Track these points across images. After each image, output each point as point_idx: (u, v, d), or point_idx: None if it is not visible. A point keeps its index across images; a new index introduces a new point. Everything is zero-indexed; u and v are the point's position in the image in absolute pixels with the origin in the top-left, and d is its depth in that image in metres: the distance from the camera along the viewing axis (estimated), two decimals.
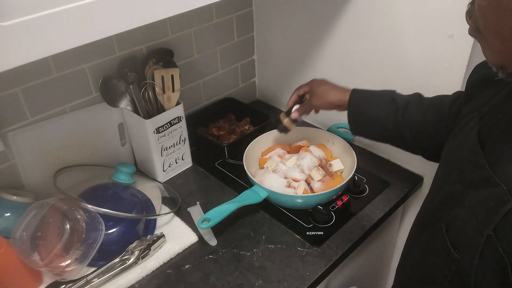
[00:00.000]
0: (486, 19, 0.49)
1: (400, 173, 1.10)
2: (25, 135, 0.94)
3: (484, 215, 0.50)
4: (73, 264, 0.81)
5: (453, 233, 0.55)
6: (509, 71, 0.51)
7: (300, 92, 1.00)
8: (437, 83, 0.96)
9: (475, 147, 0.57)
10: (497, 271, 0.48)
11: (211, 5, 1.13)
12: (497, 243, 0.48)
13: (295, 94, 1.01)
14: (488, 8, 0.47)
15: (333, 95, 0.92)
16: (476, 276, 0.51)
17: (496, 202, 0.49)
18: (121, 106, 1.02)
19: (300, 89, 1.00)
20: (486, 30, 0.49)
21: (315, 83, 0.97)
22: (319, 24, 1.13)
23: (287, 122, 1.02)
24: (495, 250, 0.48)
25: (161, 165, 1.09)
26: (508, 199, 0.48)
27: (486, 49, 0.53)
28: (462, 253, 0.53)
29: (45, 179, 0.97)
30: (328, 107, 0.94)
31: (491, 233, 0.49)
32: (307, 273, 0.85)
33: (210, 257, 0.89)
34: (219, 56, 1.28)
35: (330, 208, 0.98)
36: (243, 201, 0.94)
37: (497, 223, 0.48)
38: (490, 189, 0.50)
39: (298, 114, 0.99)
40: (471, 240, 0.51)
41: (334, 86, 0.94)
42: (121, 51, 1.04)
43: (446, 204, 0.60)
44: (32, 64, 0.52)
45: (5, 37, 0.49)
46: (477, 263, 0.50)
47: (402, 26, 0.96)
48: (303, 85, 0.99)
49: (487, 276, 0.50)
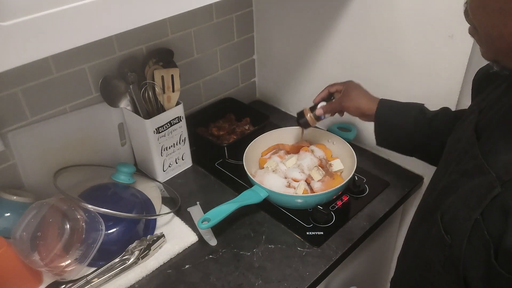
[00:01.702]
0: (476, 19, 0.51)
1: (400, 173, 1.10)
2: (25, 135, 0.94)
3: (475, 201, 0.52)
4: (73, 264, 0.81)
5: (446, 220, 0.57)
6: (503, 65, 0.53)
7: (332, 89, 0.99)
8: (437, 83, 0.96)
9: (472, 139, 0.59)
10: (482, 253, 0.50)
11: (211, 5, 1.13)
12: (483, 227, 0.50)
13: (326, 90, 0.99)
14: (478, 8, 0.50)
15: (364, 102, 0.91)
16: (465, 258, 0.53)
17: (486, 189, 0.51)
18: (121, 106, 1.02)
19: (333, 86, 0.99)
20: (479, 28, 0.52)
21: (351, 84, 0.96)
22: (319, 24, 1.13)
23: (310, 118, 1.00)
24: (481, 233, 0.50)
25: (161, 165, 1.09)
26: (496, 185, 0.50)
27: (480, 45, 0.55)
28: (454, 238, 0.55)
29: (45, 179, 0.97)
30: (355, 112, 0.93)
31: (479, 217, 0.51)
32: (307, 273, 0.85)
33: (210, 257, 0.89)
34: (219, 56, 1.28)
35: (330, 208, 0.98)
36: (243, 201, 0.94)
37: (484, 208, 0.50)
38: (482, 177, 0.52)
39: (323, 111, 0.98)
40: (461, 225, 0.53)
41: (367, 93, 0.94)
42: (121, 51, 1.04)
43: (443, 194, 0.61)
44: (32, 64, 0.52)
45: (5, 37, 0.49)
46: (465, 246, 0.53)
47: (402, 26, 0.96)
48: (337, 83, 0.98)
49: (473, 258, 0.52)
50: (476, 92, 0.74)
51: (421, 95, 1.00)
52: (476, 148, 0.56)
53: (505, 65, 0.53)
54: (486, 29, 0.50)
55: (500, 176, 0.50)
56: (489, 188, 0.50)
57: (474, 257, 0.52)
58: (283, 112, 1.40)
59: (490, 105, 0.62)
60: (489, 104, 0.62)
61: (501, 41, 0.49)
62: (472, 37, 0.55)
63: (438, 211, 0.60)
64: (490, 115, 0.60)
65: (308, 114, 1.00)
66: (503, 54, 0.51)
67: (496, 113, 0.59)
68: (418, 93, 1.00)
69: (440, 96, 0.96)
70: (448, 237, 0.56)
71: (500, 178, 0.50)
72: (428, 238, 0.63)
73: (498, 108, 0.59)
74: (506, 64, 0.53)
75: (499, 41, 0.49)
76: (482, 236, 0.50)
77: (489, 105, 0.62)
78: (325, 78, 1.21)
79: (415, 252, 0.69)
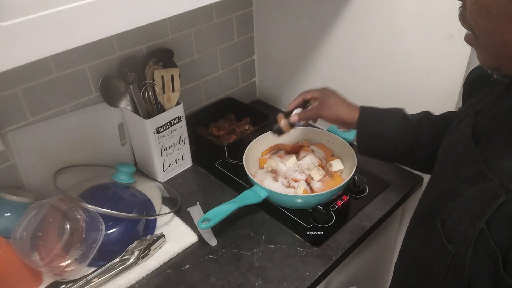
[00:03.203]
0: (477, 24, 0.48)
1: (400, 173, 1.09)
2: (25, 135, 0.94)
3: (478, 209, 0.51)
4: (73, 264, 0.81)
5: (448, 228, 0.56)
6: (504, 72, 0.51)
7: (307, 96, 0.95)
8: (437, 83, 0.96)
9: (470, 144, 0.57)
10: (489, 264, 0.49)
11: (211, 5, 1.13)
12: (489, 236, 0.49)
13: (301, 97, 0.96)
14: (479, 13, 0.47)
15: (343, 110, 0.88)
16: (470, 268, 0.52)
17: (489, 196, 0.49)
18: (121, 106, 1.02)
19: (309, 93, 0.95)
20: (480, 34, 0.49)
21: (327, 92, 0.93)
22: (319, 24, 1.13)
23: (284, 124, 0.96)
24: (487, 243, 0.49)
25: (161, 165, 1.09)
26: (501, 193, 0.48)
27: (480, 52, 0.52)
28: (457, 247, 0.54)
29: (45, 179, 0.97)
30: (334, 120, 0.90)
31: (484, 227, 0.49)
32: (307, 273, 0.85)
33: (210, 257, 0.89)
34: (219, 56, 1.28)
35: (330, 208, 0.98)
36: (243, 201, 0.94)
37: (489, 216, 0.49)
38: (484, 184, 0.51)
39: (298, 118, 0.95)
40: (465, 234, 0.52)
41: (344, 100, 0.91)
42: (121, 51, 1.04)
43: (442, 200, 0.60)
44: (32, 64, 0.52)
45: (5, 37, 0.49)
46: (470, 256, 0.51)
47: (402, 26, 0.96)
48: (313, 90, 0.95)
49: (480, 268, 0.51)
50: (469, 94, 0.72)
51: (421, 95, 1.00)
52: (476, 153, 0.55)
53: (507, 72, 0.50)
54: (488, 35, 0.47)
55: (504, 183, 0.48)
56: (493, 196, 0.49)
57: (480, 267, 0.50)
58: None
59: (487, 108, 0.60)
60: (485, 107, 0.61)
61: (504, 48, 0.46)
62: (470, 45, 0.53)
63: (437, 217, 0.58)
64: (488, 119, 0.59)
65: (282, 121, 0.96)
66: (506, 61, 0.49)
67: (494, 117, 0.57)
68: (418, 93, 1.00)
69: (440, 96, 0.96)
70: (451, 247, 0.54)
71: (504, 185, 0.48)
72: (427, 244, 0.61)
73: (496, 112, 0.57)
74: (508, 72, 0.50)
75: (502, 47, 0.47)
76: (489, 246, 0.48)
77: (486, 108, 0.60)
78: (325, 78, 1.21)
79: (413, 258, 0.68)
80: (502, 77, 0.52)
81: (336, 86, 1.07)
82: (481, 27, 0.48)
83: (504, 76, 0.51)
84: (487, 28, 0.47)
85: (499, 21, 0.44)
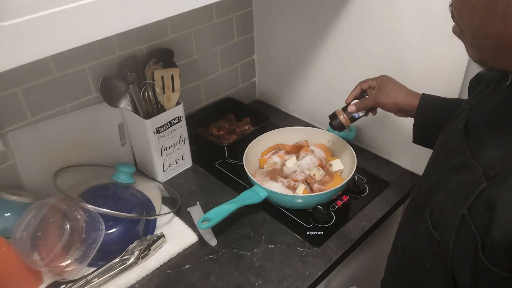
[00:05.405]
0: (462, 19, 0.51)
1: (400, 173, 1.10)
2: (25, 135, 0.94)
3: (461, 197, 0.52)
4: (73, 264, 0.81)
5: (436, 215, 0.58)
6: (489, 66, 0.53)
7: (364, 85, 0.92)
8: (437, 83, 0.96)
9: (461, 136, 0.59)
10: (470, 248, 0.50)
11: (211, 5, 1.13)
12: (470, 222, 0.50)
13: (358, 88, 0.93)
14: (462, 9, 0.50)
15: (402, 97, 0.86)
16: (453, 254, 0.53)
17: (472, 184, 0.51)
18: (121, 106, 1.02)
19: (365, 82, 0.92)
20: (465, 29, 0.52)
21: (385, 79, 0.90)
22: (319, 24, 1.13)
23: (344, 119, 0.93)
24: (468, 228, 0.51)
25: (161, 165, 1.09)
26: (483, 180, 0.50)
27: (467, 46, 0.55)
28: (442, 234, 0.55)
29: (45, 179, 0.97)
30: (392, 108, 0.88)
31: (466, 212, 0.51)
32: (307, 273, 0.85)
33: (210, 257, 0.89)
34: (219, 56, 1.28)
35: (330, 208, 0.98)
36: (243, 201, 0.94)
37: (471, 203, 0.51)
38: (469, 173, 0.53)
39: (356, 108, 0.92)
40: (449, 220, 0.54)
41: (404, 87, 0.89)
42: (121, 51, 1.04)
43: (433, 191, 0.62)
44: (32, 64, 0.52)
45: (5, 37, 0.49)
46: (453, 242, 0.53)
47: (402, 26, 0.96)
48: (370, 79, 0.92)
49: (461, 254, 0.53)
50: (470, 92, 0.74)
51: None
52: (464, 144, 0.57)
53: (492, 66, 0.52)
54: (472, 29, 0.50)
55: (486, 171, 0.50)
56: (476, 184, 0.51)
57: (462, 252, 0.52)
58: (283, 112, 1.40)
59: (479, 103, 0.62)
60: (479, 102, 0.63)
61: (487, 41, 0.49)
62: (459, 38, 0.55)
63: (427, 207, 0.60)
64: (479, 113, 0.61)
65: (342, 115, 0.94)
66: (489, 54, 0.51)
67: (484, 110, 0.59)
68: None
69: (440, 95, 0.96)
70: (436, 234, 0.56)
71: (486, 173, 0.50)
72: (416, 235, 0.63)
73: (486, 106, 0.59)
74: (493, 65, 0.52)
75: (484, 41, 0.49)
76: (469, 230, 0.50)
77: (479, 103, 0.62)
78: (325, 78, 1.21)
79: (404, 248, 0.69)
80: (489, 71, 0.55)
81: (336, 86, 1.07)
82: (465, 21, 0.51)
83: (491, 69, 0.54)
84: (470, 22, 0.50)
85: (480, 14, 0.47)
